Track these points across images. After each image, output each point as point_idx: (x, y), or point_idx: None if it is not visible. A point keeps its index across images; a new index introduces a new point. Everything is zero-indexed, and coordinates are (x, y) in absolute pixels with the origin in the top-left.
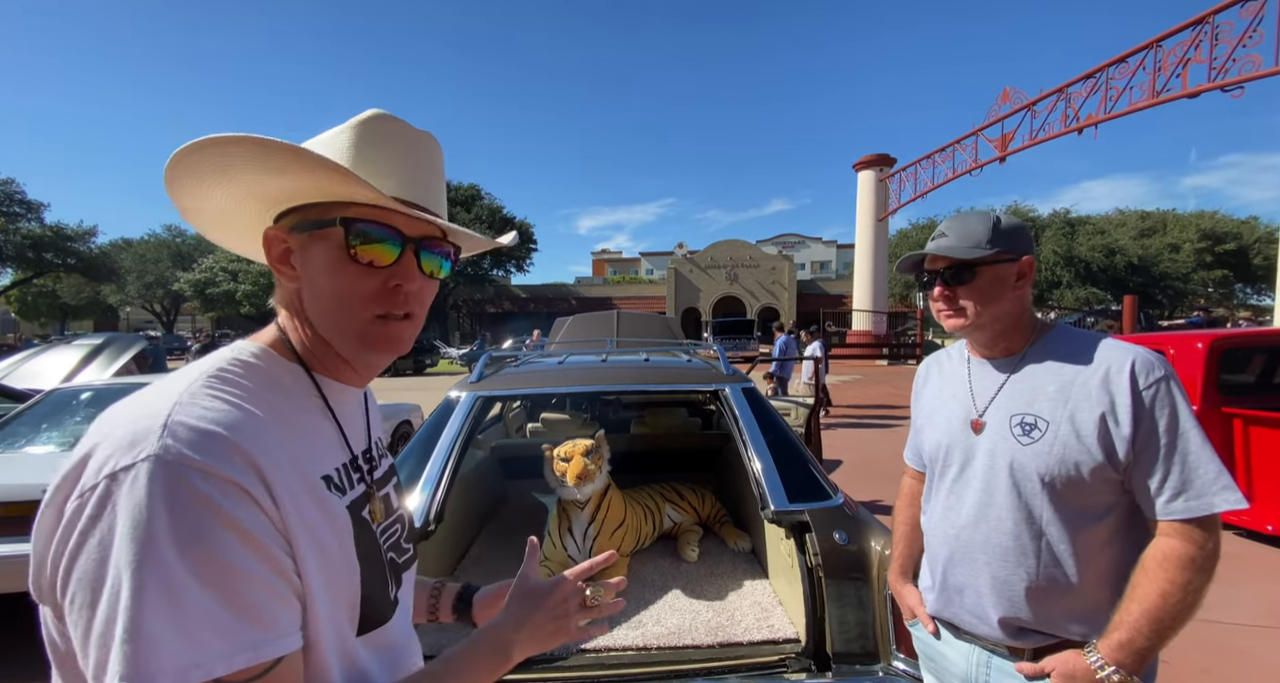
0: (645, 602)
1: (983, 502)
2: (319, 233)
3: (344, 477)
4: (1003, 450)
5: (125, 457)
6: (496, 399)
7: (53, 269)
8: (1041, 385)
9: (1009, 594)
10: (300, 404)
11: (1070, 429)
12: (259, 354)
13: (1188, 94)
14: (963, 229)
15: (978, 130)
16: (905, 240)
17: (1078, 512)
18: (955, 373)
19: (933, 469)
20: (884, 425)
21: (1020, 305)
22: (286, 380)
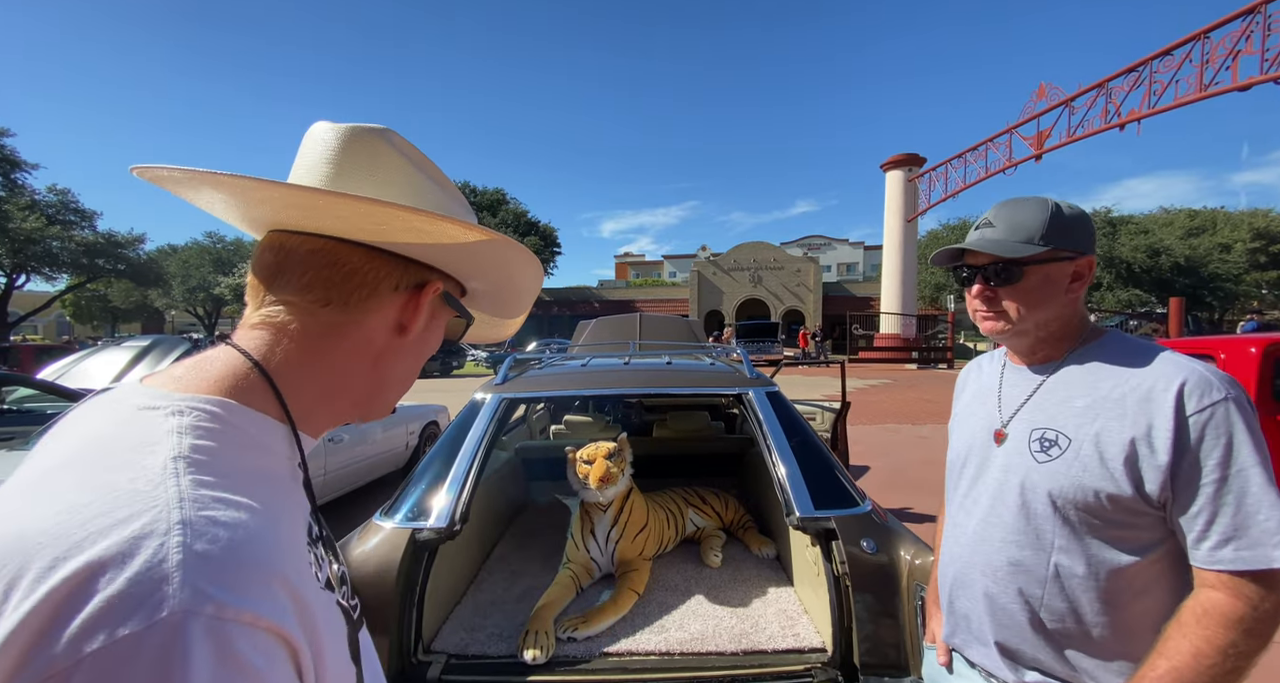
0: (668, 607)
1: (987, 520)
2: (453, 312)
3: (317, 555)
4: (1016, 466)
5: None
6: (521, 401)
7: (104, 275)
8: (1070, 398)
9: (1008, 625)
10: (281, 475)
11: (1093, 450)
12: (225, 415)
13: (1238, 87)
14: (1014, 219)
15: (1012, 128)
16: (935, 241)
17: (1102, 544)
18: (989, 380)
19: (948, 479)
20: (914, 431)
21: (1070, 310)
22: (263, 445)
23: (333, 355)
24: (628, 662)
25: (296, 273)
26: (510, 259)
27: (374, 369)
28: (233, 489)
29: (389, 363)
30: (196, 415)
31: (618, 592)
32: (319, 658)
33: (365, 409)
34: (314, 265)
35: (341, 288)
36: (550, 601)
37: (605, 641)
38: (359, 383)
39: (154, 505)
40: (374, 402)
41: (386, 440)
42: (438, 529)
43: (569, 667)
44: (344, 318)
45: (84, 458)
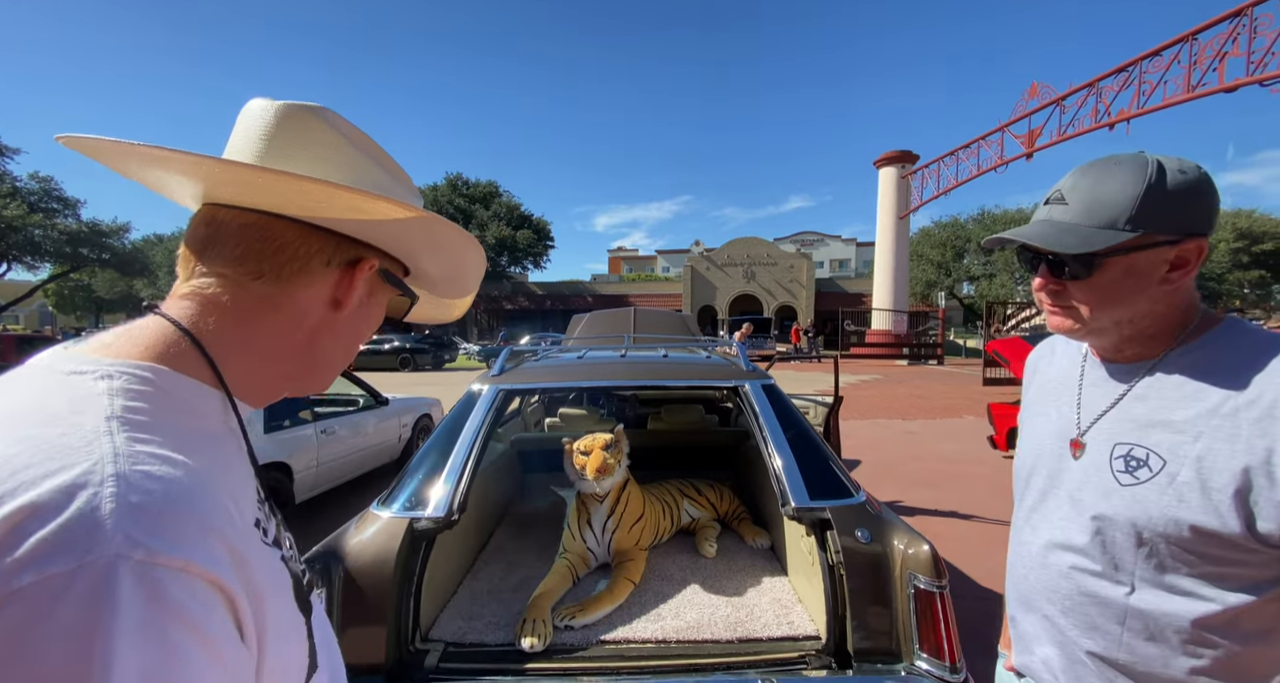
0: (664, 596)
1: (1054, 540)
2: (394, 289)
3: (263, 513)
4: (1093, 486)
5: (60, 557)
6: (518, 393)
7: (89, 264)
8: (1168, 408)
9: (1079, 661)
10: (218, 437)
11: (1194, 477)
12: (154, 378)
13: (1225, 88)
14: (1095, 193)
15: (1003, 126)
16: (927, 238)
17: (1199, 581)
18: (1065, 372)
19: (1016, 485)
20: (904, 426)
21: (1167, 304)
22: (194, 408)
23: (265, 328)
24: (624, 649)
25: (228, 246)
26: (446, 238)
27: (309, 344)
28: (167, 447)
29: (324, 338)
30: (127, 379)
31: (614, 581)
32: (259, 611)
33: (303, 383)
34: (246, 239)
35: (273, 261)
36: (547, 589)
37: (602, 629)
38: (293, 356)
39: (89, 459)
40: (311, 375)
41: (379, 433)
42: (436, 519)
43: (566, 654)
44: (275, 291)
45: (12, 418)
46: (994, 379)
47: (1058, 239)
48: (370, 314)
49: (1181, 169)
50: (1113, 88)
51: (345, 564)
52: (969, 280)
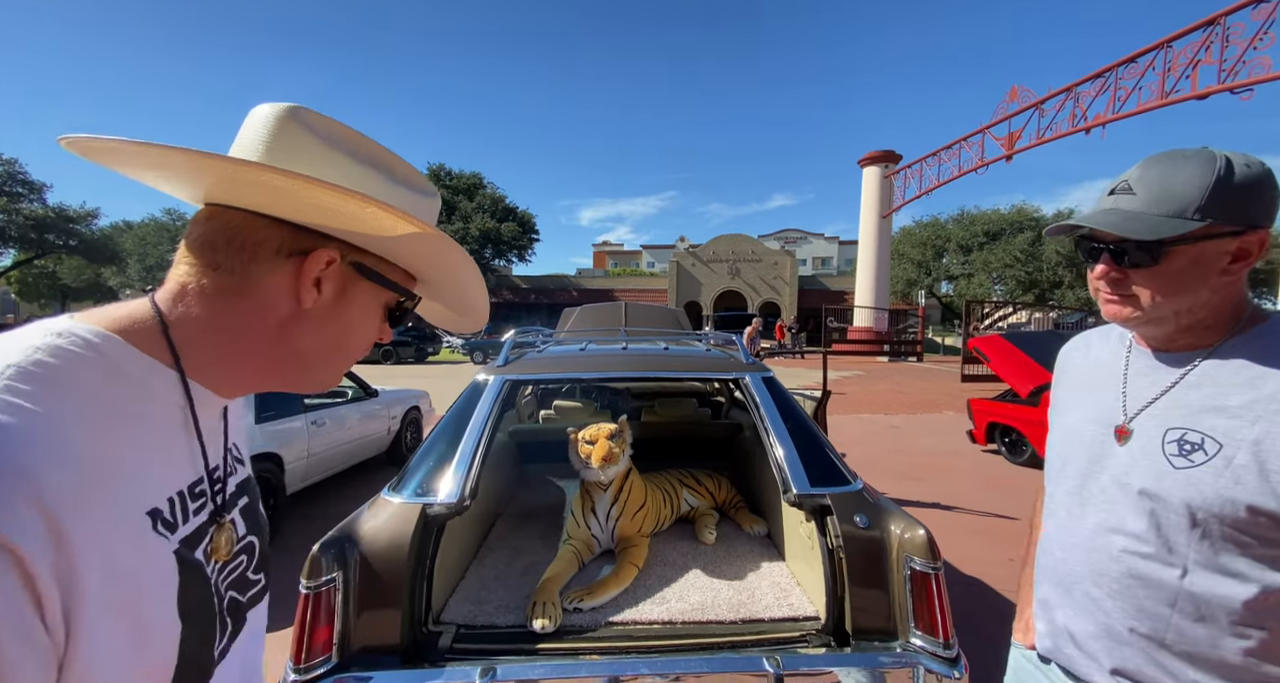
0: (668, 580)
1: (1105, 524)
2: (379, 285)
3: (181, 506)
4: (1142, 471)
5: None
6: (524, 383)
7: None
8: (1223, 394)
9: (1126, 644)
10: (146, 413)
11: (1251, 459)
12: (100, 343)
13: (1196, 95)
14: (1164, 183)
15: (984, 128)
16: (908, 237)
17: (1253, 563)
18: (1107, 363)
19: (1049, 473)
20: (887, 421)
21: (1225, 295)
22: (134, 381)
23: (229, 318)
24: (633, 630)
25: (194, 236)
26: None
27: (279, 338)
28: (39, 402)
29: (297, 333)
30: (71, 340)
31: (619, 566)
32: (74, 594)
33: (288, 379)
34: (205, 229)
35: (225, 251)
36: (555, 574)
37: (610, 611)
38: (263, 349)
39: None
40: (294, 372)
41: (369, 425)
42: (448, 505)
43: (577, 635)
44: (234, 282)
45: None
46: (972, 376)
47: (1127, 226)
48: (349, 310)
49: (1247, 163)
50: (1089, 93)
51: (361, 548)
52: (948, 280)
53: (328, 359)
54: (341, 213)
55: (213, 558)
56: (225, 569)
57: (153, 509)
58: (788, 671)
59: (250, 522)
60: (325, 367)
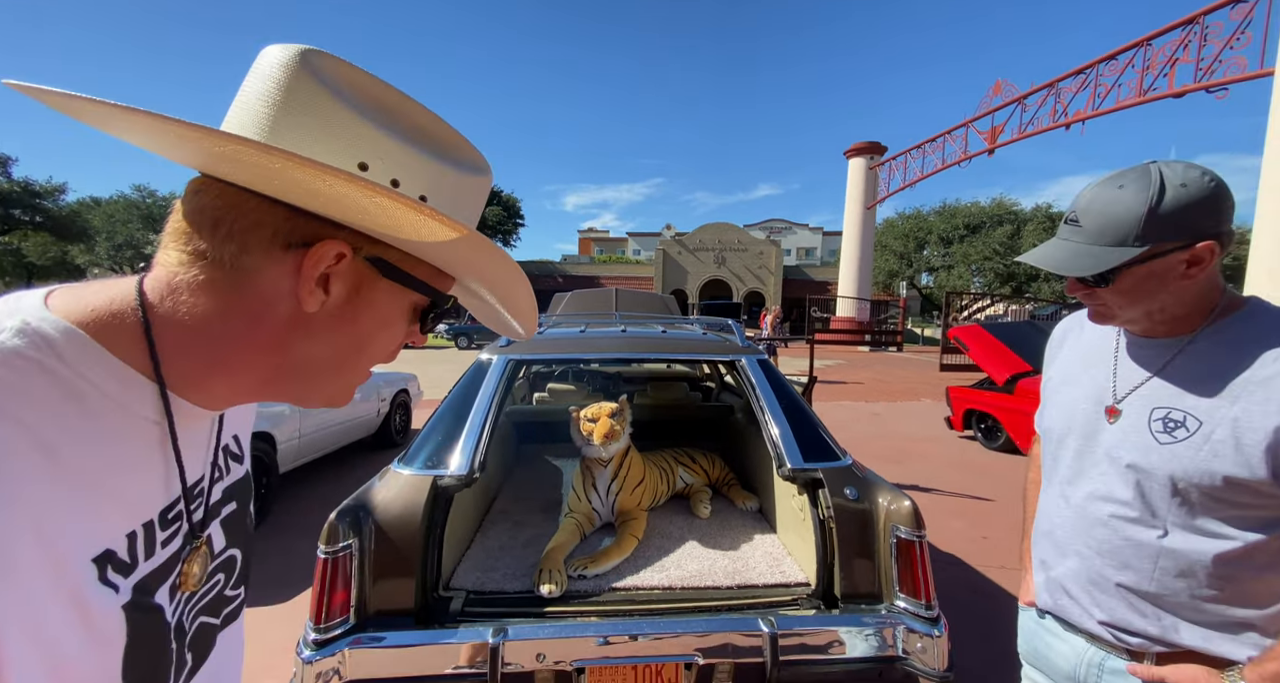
0: (666, 550)
1: (1095, 493)
2: (405, 288)
3: (146, 540)
4: (1131, 446)
5: None
6: (526, 363)
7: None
8: (1204, 376)
9: (1115, 596)
10: (110, 433)
11: (1229, 435)
12: (55, 347)
13: (1173, 94)
14: (1105, 215)
15: (968, 122)
16: (891, 229)
17: (1222, 523)
18: (1099, 344)
19: (1045, 448)
20: (868, 408)
21: (1191, 293)
22: (99, 397)
23: (219, 321)
24: (635, 595)
25: (183, 213)
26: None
27: (280, 346)
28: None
29: (300, 341)
30: (31, 341)
31: (620, 537)
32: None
33: (291, 394)
34: (191, 208)
35: (211, 238)
36: (559, 544)
37: (612, 578)
38: (261, 359)
39: None
40: (299, 386)
41: (359, 407)
42: (458, 477)
43: (582, 599)
44: (224, 275)
45: None
46: (951, 365)
47: (1073, 264)
48: (364, 317)
49: (1184, 182)
50: (1071, 89)
51: (375, 517)
52: (929, 271)
53: (339, 372)
54: (346, 202)
55: (180, 591)
56: (196, 598)
57: (103, 553)
58: (781, 630)
59: (232, 532)
60: (336, 380)
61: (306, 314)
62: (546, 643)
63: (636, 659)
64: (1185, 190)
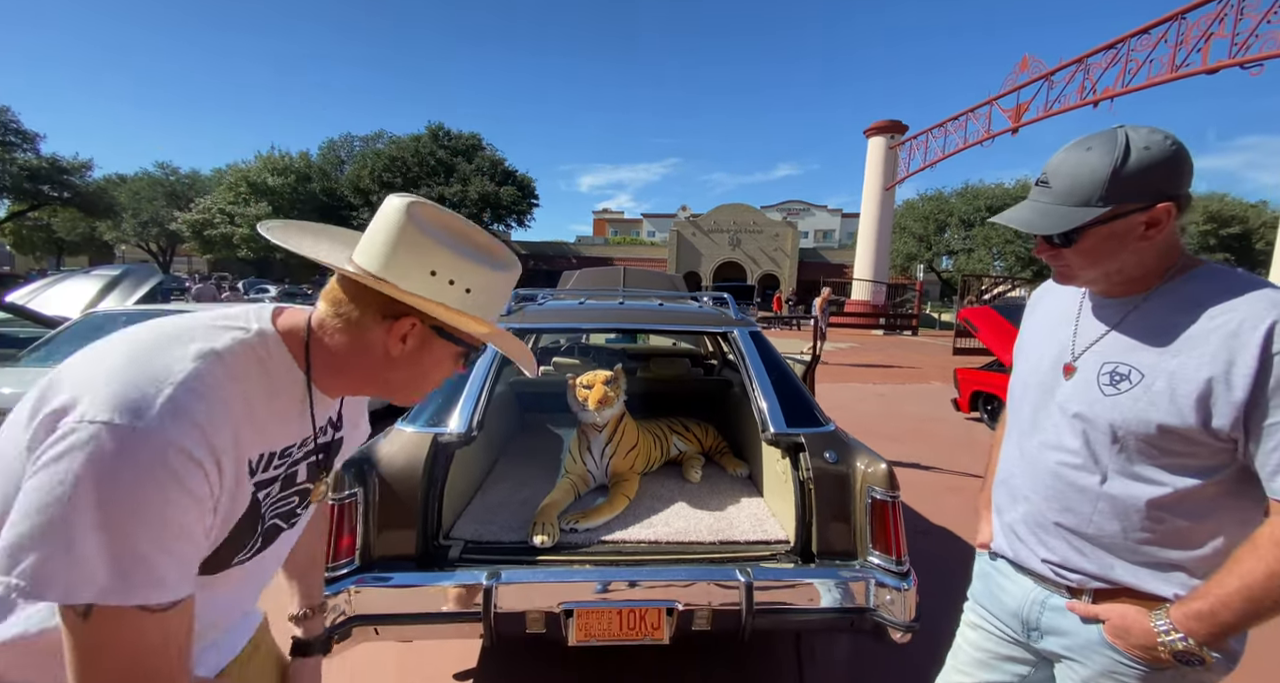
0: (655, 510)
1: (1046, 443)
2: (453, 343)
3: (267, 461)
4: (1079, 398)
5: (121, 417)
6: (524, 332)
7: (49, 202)
8: (1151, 333)
9: (1057, 537)
10: (278, 394)
11: (1165, 386)
12: (268, 345)
13: (1207, 70)
14: (1073, 176)
15: (993, 99)
16: (910, 211)
17: (1157, 469)
18: (1066, 305)
19: (1009, 403)
20: (874, 390)
21: (1149, 254)
22: (279, 375)
23: (343, 350)
24: (622, 547)
25: (332, 286)
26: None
27: (375, 371)
28: (223, 388)
29: (387, 370)
30: (260, 338)
31: (612, 495)
32: (221, 502)
33: (386, 395)
34: (336, 286)
35: (344, 306)
36: (553, 501)
37: (602, 532)
38: (363, 375)
39: (174, 376)
40: (385, 394)
41: None
42: (458, 434)
43: (572, 550)
44: (350, 327)
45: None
46: (964, 349)
47: (1040, 223)
48: (427, 358)
49: (1147, 145)
50: (1100, 64)
51: (379, 469)
52: (948, 255)
53: (410, 389)
54: (421, 304)
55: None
56: (277, 501)
57: (251, 458)
58: (757, 580)
59: (312, 474)
60: (408, 394)
61: (392, 355)
62: (538, 587)
63: (622, 604)
64: (1148, 153)
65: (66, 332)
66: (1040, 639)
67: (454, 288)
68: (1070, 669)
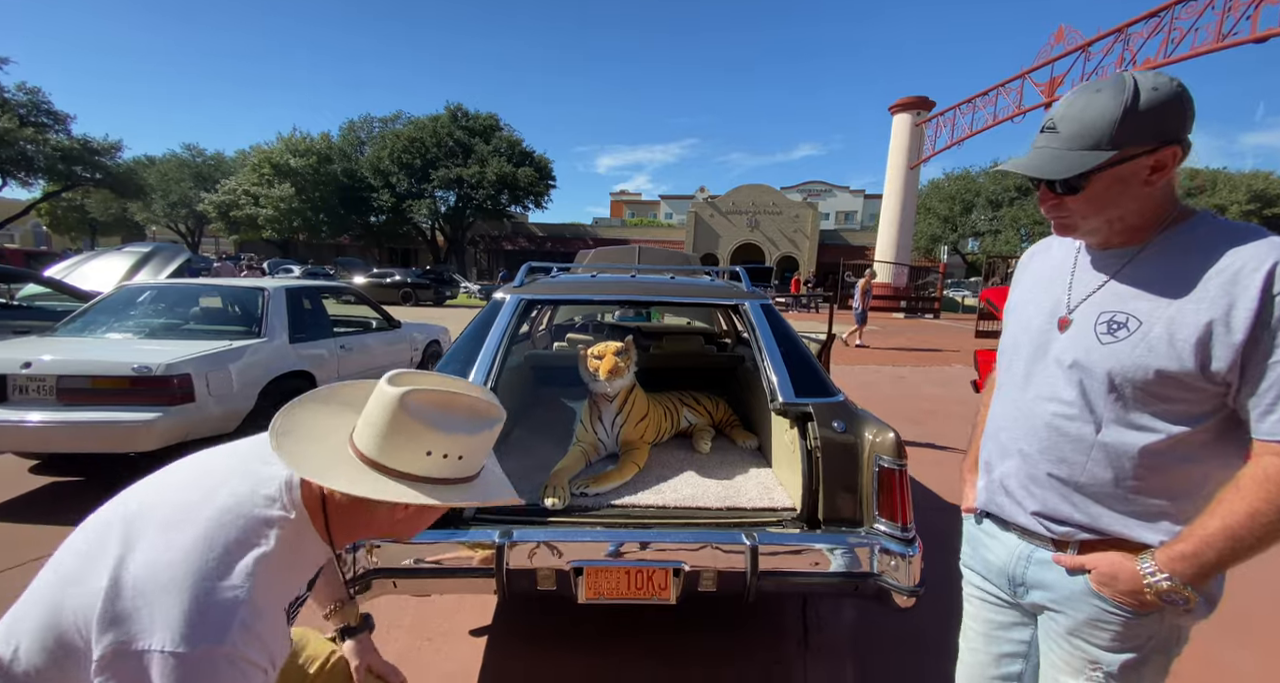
0: (664, 478)
1: (1040, 395)
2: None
3: (298, 600)
4: (1076, 348)
5: (199, 642)
6: (538, 303)
7: (82, 183)
8: (1150, 281)
9: (1047, 488)
10: (308, 558)
11: (1164, 332)
12: (296, 520)
13: (1255, 38)
14: (1081, 119)
15: (1025, 73)
16: (936, 191)
17: (1152, 417)
18: (1060, 262)
19: (1000, 362)
20: (894, 371)
21: (1149, 202)
22: (309, 546)
23: (354, 519)
24: (630, 511)
25: None
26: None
27: (382, 528)
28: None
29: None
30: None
31: (622, 463)
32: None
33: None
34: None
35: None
36: (564, 466)
37: (611, 497)
38: (372, 532)
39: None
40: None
41: (394, 353)
42: None
43: (582, 513)
44: (355, 502)
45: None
46: (987, 332)
47: (1050, 167)
48: (425, 518)
49: (1155, 86)
50: (1141, 34)
51: None
52: (974, 237)
53: (408, 534)
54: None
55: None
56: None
57: (292, 598)
58: (762, 544)
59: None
60: (407, 536)
61: (395, 519)
62: (548, 545)
63: (630, 563)
64: (1156, 94)
65: (100, 304)
66: (1026, 594)
67: (447, 460)
68: (1053, 621)
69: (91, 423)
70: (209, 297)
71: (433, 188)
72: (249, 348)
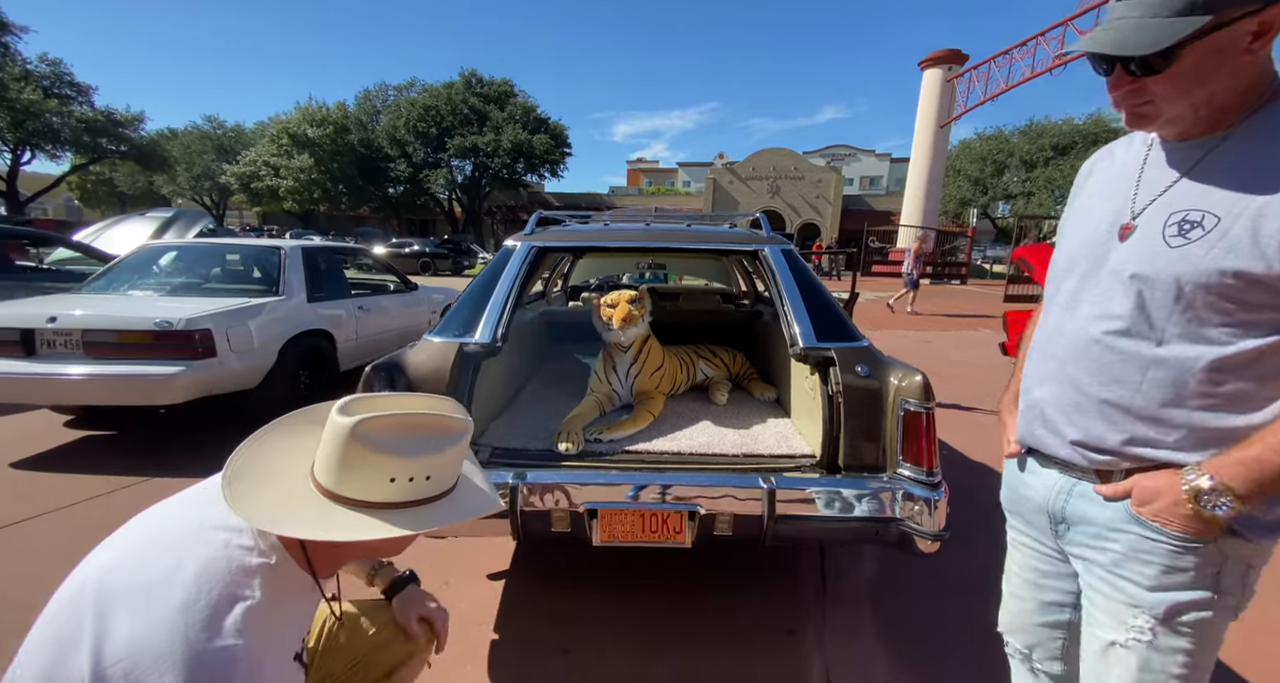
0: (680, 426)
1: (1093, 313)
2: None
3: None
4: (1138, 258)
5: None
6: (548, 250)
7: (108, 155)
8: (1232, 170)
9: (1093, 413)
10: (301, 594)
11: (1246, 229)
12: (277, 563)
13: None
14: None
15: (1068, 19)
16: (966, 152)
17: (1220, 329)
18: (1125, 166)
19: (1049, 285)
20: (919, 336)
21: (1248, 76)
22: (293, 582)
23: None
24: (645, 457)
25: None
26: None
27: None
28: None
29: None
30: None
31: (637, 411)
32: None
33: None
34: None
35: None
36: (578, 413)
37: (626, 443)
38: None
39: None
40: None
41: (411, 315)
42: (482, 344)
43: (595, 459)
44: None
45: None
46: (1015, 296)
47: (1133, 41)
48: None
49: None
50: None
51: (407, 374)
52: (1006, 199)
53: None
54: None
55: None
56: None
57: (295, 652)
58: (780, 488)
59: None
60: (394, 555)
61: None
62: (562, 487)
63: (645, 505)
64: None
65: (123, 263)
66: (1066, 531)
67: (414, 483)
68: (1094, 564)
69: (117, 376)
70: (228, 256)
71: (449, 157)
72: (268, 305)
